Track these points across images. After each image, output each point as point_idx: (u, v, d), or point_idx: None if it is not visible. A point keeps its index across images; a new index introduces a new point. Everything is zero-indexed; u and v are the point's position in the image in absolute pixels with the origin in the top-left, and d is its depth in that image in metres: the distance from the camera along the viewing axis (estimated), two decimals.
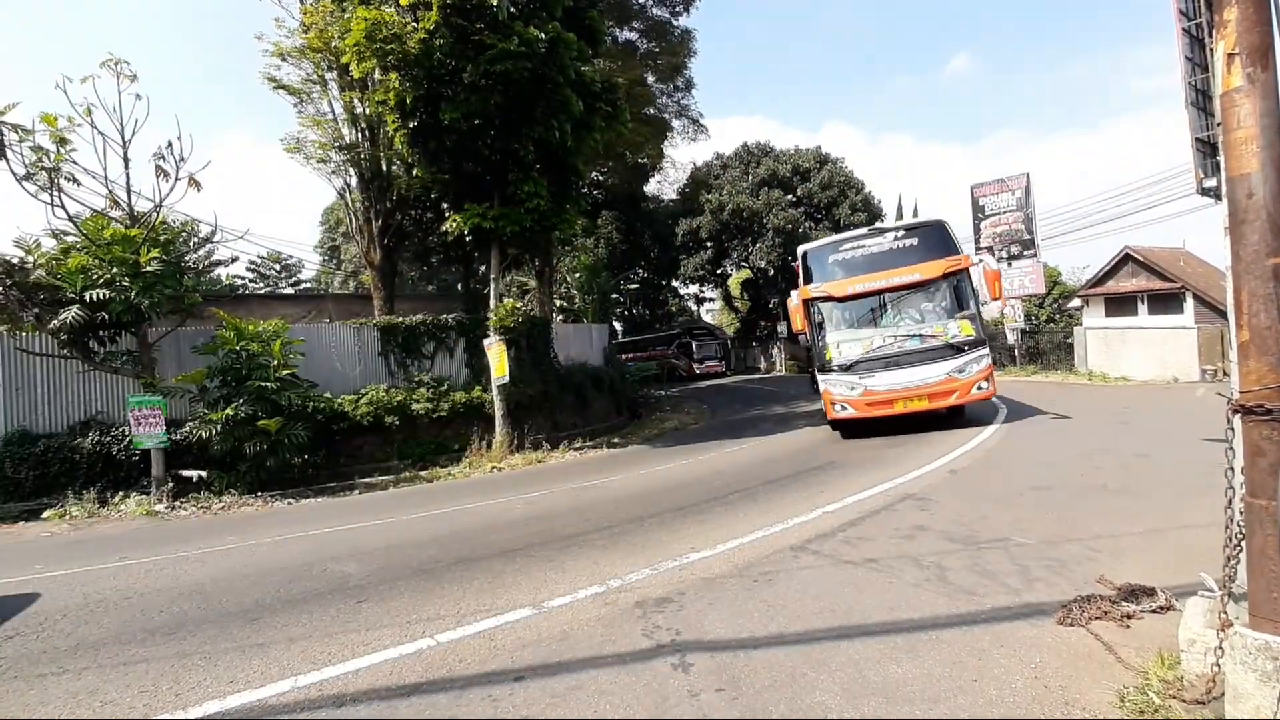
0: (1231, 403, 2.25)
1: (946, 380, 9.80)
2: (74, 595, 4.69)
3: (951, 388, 9.78)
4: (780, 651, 2.90)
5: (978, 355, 9.89)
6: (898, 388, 9.95)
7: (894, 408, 9.98)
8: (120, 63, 9.88)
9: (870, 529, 4.87)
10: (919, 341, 10.18)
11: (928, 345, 10.11)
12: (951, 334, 10.04)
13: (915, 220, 11.13)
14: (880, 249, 10.72)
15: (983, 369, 9.86)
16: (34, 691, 3.00)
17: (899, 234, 10.82)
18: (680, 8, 22.77)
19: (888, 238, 10.79)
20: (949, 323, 10.16)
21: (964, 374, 9.81)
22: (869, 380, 10.13)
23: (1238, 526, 2.25)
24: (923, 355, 10.03)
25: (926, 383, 9.85)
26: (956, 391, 9.77)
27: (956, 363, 9.84)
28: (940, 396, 9.85)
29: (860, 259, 10.79)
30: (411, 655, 3.11)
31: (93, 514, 8.77)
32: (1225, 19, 2.23)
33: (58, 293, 9.33)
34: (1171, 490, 5.55)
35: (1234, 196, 2.23)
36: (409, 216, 16.35)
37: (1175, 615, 2.87)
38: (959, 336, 9.99)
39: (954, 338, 10.00)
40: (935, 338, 10.10)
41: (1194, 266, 32.45)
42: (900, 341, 10.26)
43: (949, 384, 9.79)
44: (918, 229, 10.95)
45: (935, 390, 9.82)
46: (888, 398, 9.97)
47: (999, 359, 27.00)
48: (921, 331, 10.23)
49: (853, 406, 10.23)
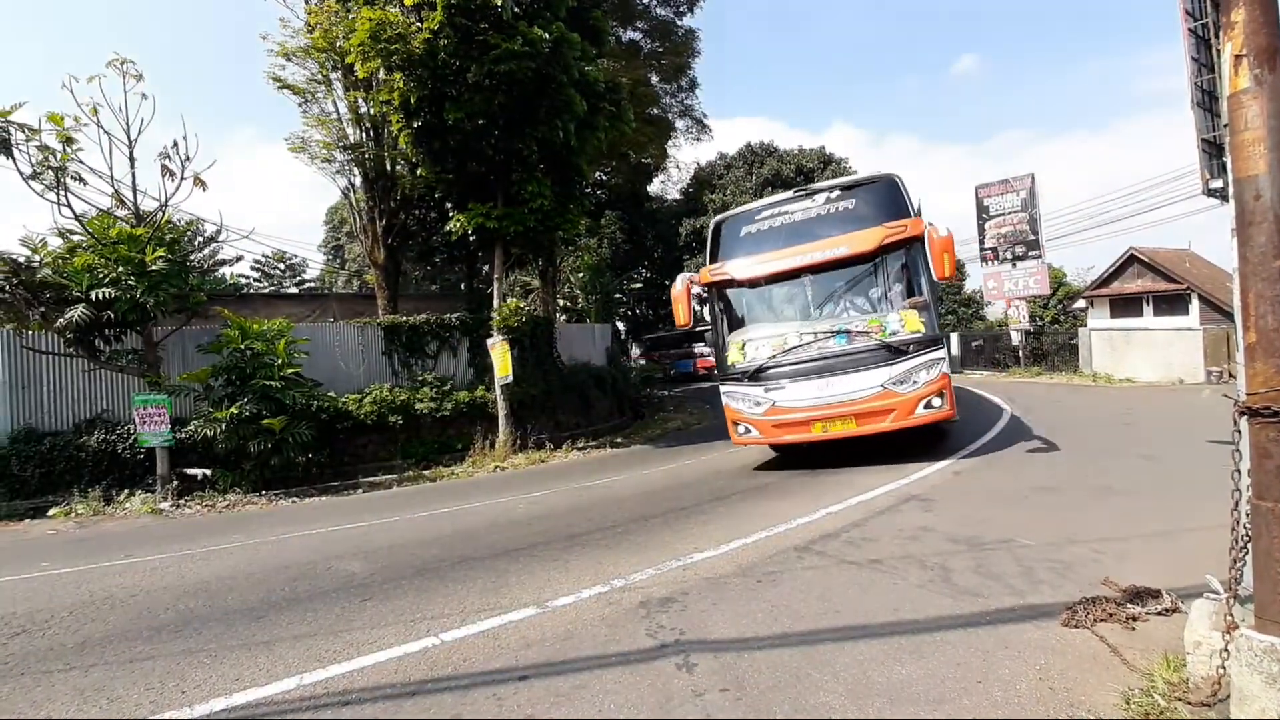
0: (1238, 405, 2.25)
1: (881, 395, 7.28)
2: (80, 592, 4.71)
3: (887, 405, 7.27)
4: (784, 652, 2.90)
5: (927, 360, 7.27)
6: (815, 405, 7.45)
7: (810, 431, 7.54)
8: (126, 62, 9.92)
9: (874, 529, 4.87)
10: (845, 340, 7.54)
11: (857, 346, 7.48)
12: (891, 329, 7.44)
13: (856, 176, 8.41)
14: (806, 216, 8.19)
15: (933, 379, 7.23)
16: (41, 688, 3.01)
17: (832, 195, 8.19)
18: (684, 7, 22.76)
19: (818, 200, 8.21)
20: (889, 314, 7.58)
21: (905, 386, 7.24)
22: (778, 393, 7.67)
23: (1244, 529, 2.25)
24: (850, 360, 7.44)
25: (853, 398, 7.32)
26: (894, 411, 7.25)
27: (895, 370, 7.27)
28: (872, 418, 7.33)
29: (780, 230, 8.29)
30: (416, 654, 3.12)
31: (98, 512, 8.81)
32: (1232, 20, 2.22)
33: (64, 291, 9.38)
34: (1177, 492, 5.54)
35: (1241, 198, 2.22)
36: (413, 216, 16.39)
37: (1181, 617, 2.87)
38: (901, 333, 7.39)
39: (895, 335, 7.42)
40: (868, 335, 7.50)
41: (1200, 268, 32.37)
42: (821, 340, 7.65)
43: (885, 400, 7.28)
44: (857, 188, 8.27)
45: (865, 409, 7.31)
46: (802, 418, 7.53)
47: (1003, 360, 26.94)
48: (850, 326, 7.62)
49: (757, 429, 7.87)
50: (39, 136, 9.12)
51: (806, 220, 8.19)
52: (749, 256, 8.22)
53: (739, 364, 8.06)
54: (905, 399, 7.24)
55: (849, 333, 7.59)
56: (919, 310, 7.47)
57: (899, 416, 7.27)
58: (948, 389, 7.35)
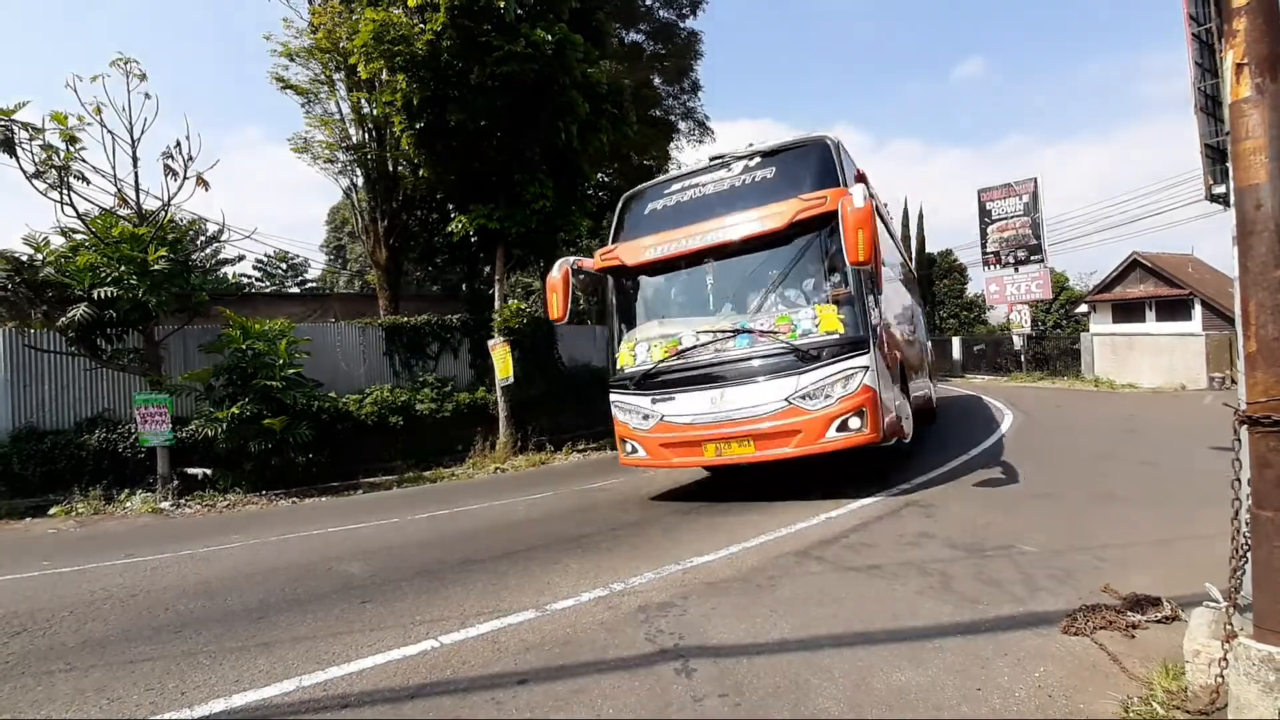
0: (1239, 414, 2.25)
1: (785, 412, 5.91)
2: (81, 592, 4.72)
3: (791, 425, 5.88)
4: (783, 658, 2.91)
5: (844, 369, 5.82)
6: (708, 421, 6.18)
7: (702, 455, 6.30)
8: (130, 62, 9.96)
9: (874, 535, 4.87)
10: (747, 342, 6.16)
11: (760, 350, 6.10)
12: (803, 328, 5.99)
13: (785, 141, 6.93)
14: (718, 189, 6.84)
15: (851, 394, 5.79)
16: (41, 688, 3.02)
17: (752, 163, 6.81)
18: (687, 10, 22.79)
19: (735, 169, 6.85)
20: (802, 309, 6.11)
21: (815, 402, 5.84)
22: (666, 406, 6.41)
23: (1244, 538, 2.25)
24: (750, 367, 6.10)
25: (752, 415, 5.99)
26: (800, 433, 5.87)
27: (804, 382, 5.87)
28: (773, 440, 5.97)
29: (687, 206, 6.93)
30: (416, 656, 3.12)
31: (98, 511, 8.84)
32: (1235, 29, 2.22)
33: (66, 290, 9.41)
34: (1178, 499, 5.53)
35: (1242, 207, 2.22)
36: (415, 217, 16.43)
37: (1180, 625, 2.87)
38: (814, 334, 5.95)
39: (806, 335, 5.97)
40: (775, 336, 6.06)
41: (1203, 273, 32.35)
42: (720, 341, 6.28)
43: (788, 419, 5.89)
44: (783, 153, 6.75)
45: (765, 429, 5.96)
46: (692, 437, 6.27)
47: (1004, 365, 26.87)
48: (753, 324, 6.20)
49: (644, 448, 6.63)
50: (43, 135, 9.17)
51: (719, 194, 6.79)
52: (647, 237, 6.91)
53: (627, 368, 6.80)
54: (813, 418, 5.82)
55: (752, 332, 6.14)
56: (841, 305, 5.96)
57: (805, 440, 5.84)
58: (870, 406, 5.81)
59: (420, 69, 11.26)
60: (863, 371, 5.86)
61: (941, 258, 38.47)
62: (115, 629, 3.85)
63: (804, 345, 5.96)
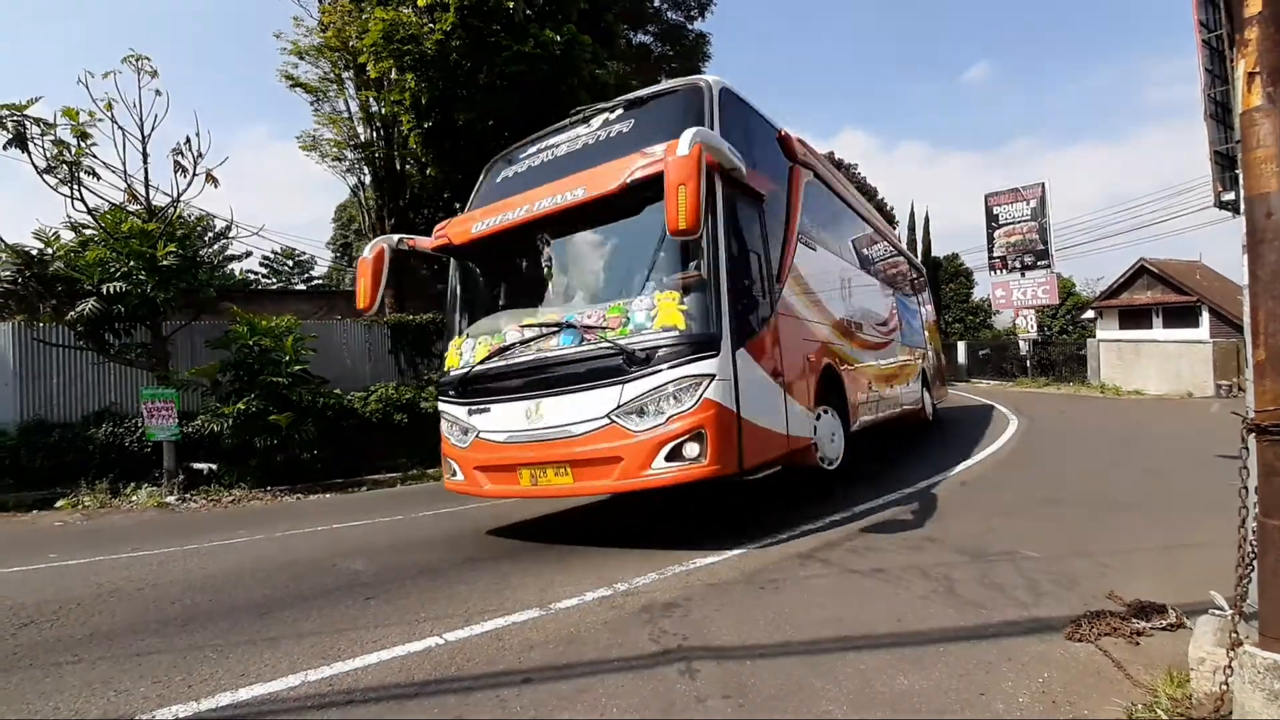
0: (1246, 422, 2.25)
1: (606, 432, 4.61)
2: (88, 585, 4.75)
3: (612, 451, 4.59)
4: (787, 660, 2.91)
5: (680, 378, 4.47)
6: (522, 440, 4.96)
7: (517, 483, 5.05)
8: (141, 59, 10.02)
9: (878, 539, 4.86)
10: (572, 340, 4.86)
11: (585, 351, 4.80)
12: (636, 323, 4.66)
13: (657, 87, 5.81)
14: (572, 148, 5.71)
15: (686, 411, 4.43)
16: (50, 679, 3.05)
17: (612, 115, 5.64)
18: (695, 11, 22.84)
19: (594, 124, 5.71)
20: (642, 298, 4.73)
21: (639, 421, 4.52)
22: (482, 418, 5.25)
23: (1250, 546, 2.25)
24: (571, 372, 4.81)
25: (569, 434, 4.74)
26: (622, 461, 4.56)
27: (628, 393, 4.55)
28: (592, 469, 4.70)
29: (538, 170, 5.84)
30: (420, 653, 3.13)
31: (104, 504, 8.89)
32: (1246, 38, 2.23)
33: (75, 285, 9.49)
34: (1184, 507, 5.52)
35: (1252, 216, 2.22)
36: (421, 215, 16.49)
37: (1185, 633, 2.86)
38: (647, 329, 4.61)
39: (639, 332, 4.63)
40: (604, 331, 4.75)
41: (1210, 280, 32.19)
42: (543, 338, 5.01)
43: (610, 441, 4.60)
44: (648, 103, 5.54)
45: (583, 454, 4.70)
46: (507, 459, 5.08)
47: (1010, 370, 26.78)
48: (582, 317, 4.91)
49: (462, 469, 5.50)
50: (54, 131, 9.23)
51: (570, 154, 5.65)
52: (479, 209, 5.89)
53: (453, 370, 5.63)
54: (636, 443, 4.47)
55: (577, 328, 4.83)
56: (687, 292, 4.57)
57: (626, 471, 4.51)
58: (713, 428, 4.38)
59: (429, 68, 11.32)
60: (705, 381, 4.42)
61: (948, 262, 38.43)
62: (122, 622, 3.88)
63: (632, 345, 4.56)
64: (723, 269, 4.71)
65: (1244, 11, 2.23)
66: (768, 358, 5.25)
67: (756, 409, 4.87)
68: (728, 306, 4.69)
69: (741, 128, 5.49)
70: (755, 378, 4.95)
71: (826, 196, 7.75)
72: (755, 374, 4.96)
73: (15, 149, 8.98)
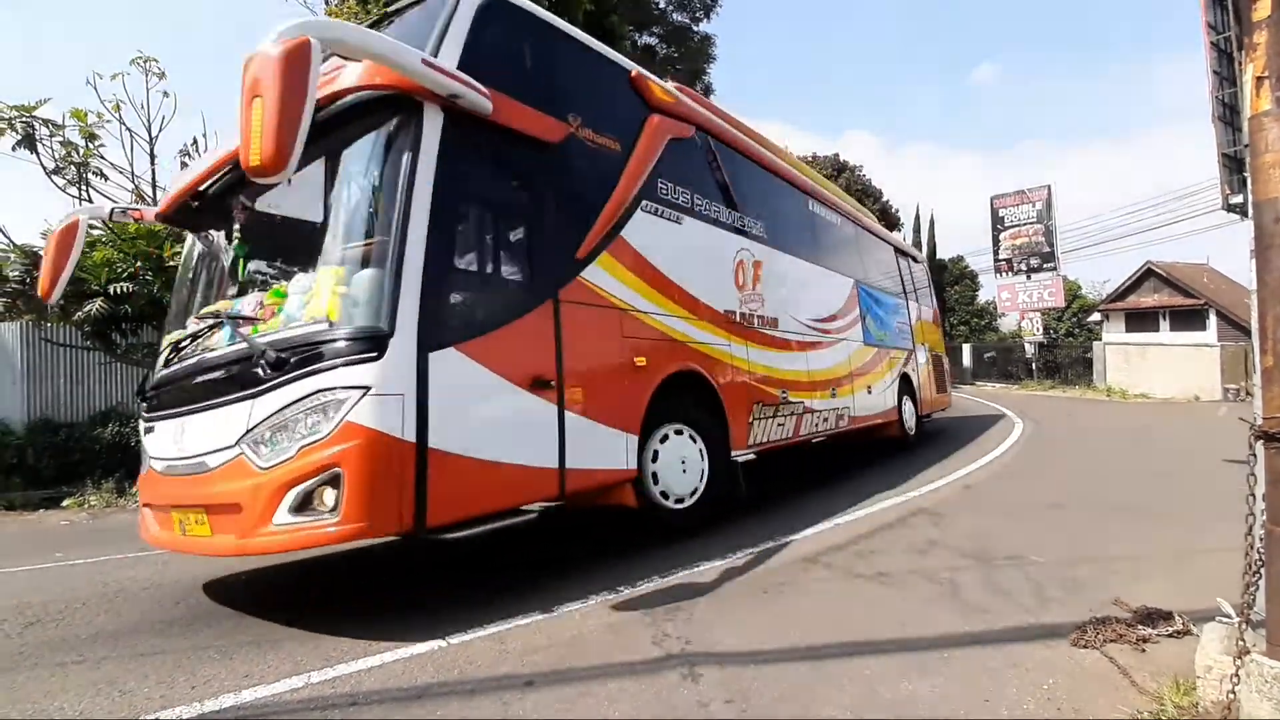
0: (1255, 429, 2.23)
1: (233, 466, 3.36)
2: (93, 584, 4.77)
3: (234, 496, 3.29)
4: (790, 665, 2.90)
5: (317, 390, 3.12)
6: (176, 471, 3.80)
7: (173, 530, 3.81)
8: (149, 60, 10.09)
9: (882, 542, 4.85)
10: (228, 337, 3.71)
11: (224, 354, 3.66)
12: (289, 312, 3.46)
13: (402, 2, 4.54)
14: None
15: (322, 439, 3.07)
16: (55, 679, 3.06)
17: None
18: (700, 13, 22.87)
19: None
20: (300, 276, 3.60)
21: (264, 453, 3.24)
22: (149, 439, 4.17)
23: (1257, 553, 2.23)
24: (216, 380, 3.65)
25: (203, 467, 3.55)
26: (242, 510, 3.23)
27: (258, 412, 3.29)
28: (223, 519, 3.40)
29: None
30: (423, 655, 3.13)
31: (110, 503, 8.93)
32: (1255, 42, 2.21)
33: (82, 285, 9.53)
34: (1191, 513, 5.48)
35: (1260, 221, 2.21)
36: None
37: (1192, 640, 2.84)
38: (297, 320, 3.37)
39: (289, 324, 3.42)
40: (254, 323, 3.62)
41: (1218, 283, 32.03)
42: (209, 335, 3.91)
43: (236, 478, 3.32)
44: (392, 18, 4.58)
45: (215, 496, 3.43)
46: (162, 497, 3.93)
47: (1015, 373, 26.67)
48: (241, 306, 3.81)
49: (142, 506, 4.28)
50: (62, 132, 9.29)
51: None
52: None
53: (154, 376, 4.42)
54: (257, 484, 3.21)
55: (237, 320, 3.69)
56: (358, 266, 3.34)
57: (243, 528, 3.25)
58: (353, 465, 3.03)
59: None
60: (350, 396, 3.08)
61: (953, 264, 38.33)
62: (127, 621, 3.89)
63: (270, 342, 3.37)
64: (415, 235, 3.30)
65: (1253, 15, 2.22)
66: (522, 360, 3.85)
67: (477, 435, 3.55)
68: (419, 287, 3.28)
69: (540, 57, 4.46)
70: (479, 389, 3.60)
71: (725, 157, 6.40)
72: (480, 383, 3.60)
73: (24, 150, 9.05)
